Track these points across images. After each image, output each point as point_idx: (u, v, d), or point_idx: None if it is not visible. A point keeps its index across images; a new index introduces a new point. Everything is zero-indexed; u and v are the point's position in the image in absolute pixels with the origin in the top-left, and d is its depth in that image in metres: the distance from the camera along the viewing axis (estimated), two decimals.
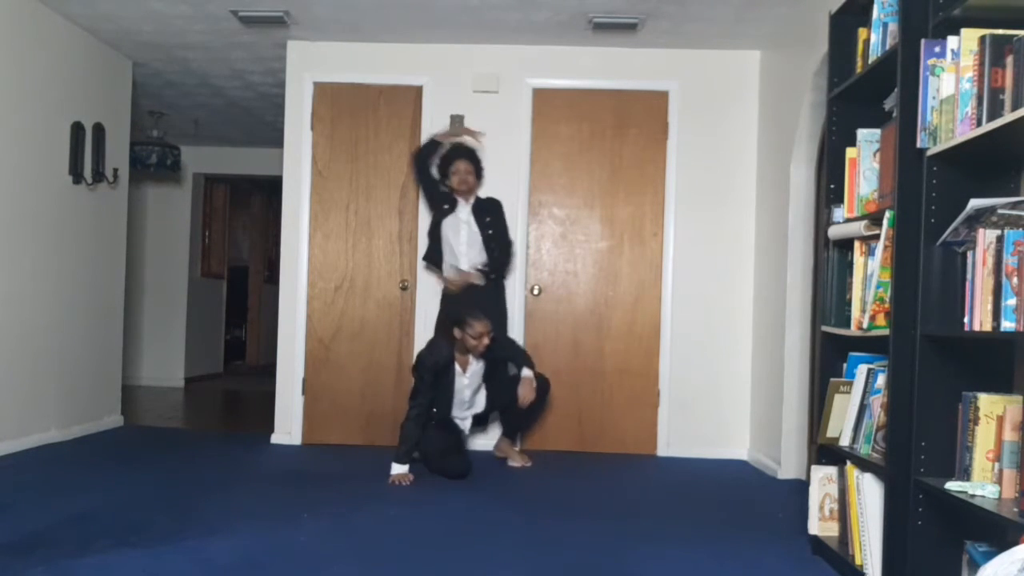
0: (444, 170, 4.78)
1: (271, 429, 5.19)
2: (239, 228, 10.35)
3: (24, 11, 4.53)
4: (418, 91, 5.17)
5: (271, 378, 5.34)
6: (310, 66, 5.19)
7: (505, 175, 5.09)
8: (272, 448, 4.99)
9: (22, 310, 4.59)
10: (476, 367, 4.44)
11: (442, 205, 4.81)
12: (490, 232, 4.78)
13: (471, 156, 4.80)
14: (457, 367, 4.39)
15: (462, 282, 4.71)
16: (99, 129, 5.21)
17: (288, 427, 5.14)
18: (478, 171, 4.81)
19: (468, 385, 4.45)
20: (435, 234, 4.83)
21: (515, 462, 4.60)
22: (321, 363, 5.17)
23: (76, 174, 5.02)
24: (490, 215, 4.81)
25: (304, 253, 5.15)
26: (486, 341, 4.28)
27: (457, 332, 4.29)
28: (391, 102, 5.20)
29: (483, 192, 4.88)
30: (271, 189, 9.38)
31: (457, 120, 5.10)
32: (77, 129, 5.02)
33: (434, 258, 4.86)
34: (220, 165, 8.49)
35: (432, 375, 4.27)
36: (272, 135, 6.87)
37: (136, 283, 7.92)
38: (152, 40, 5.23)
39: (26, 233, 4.62)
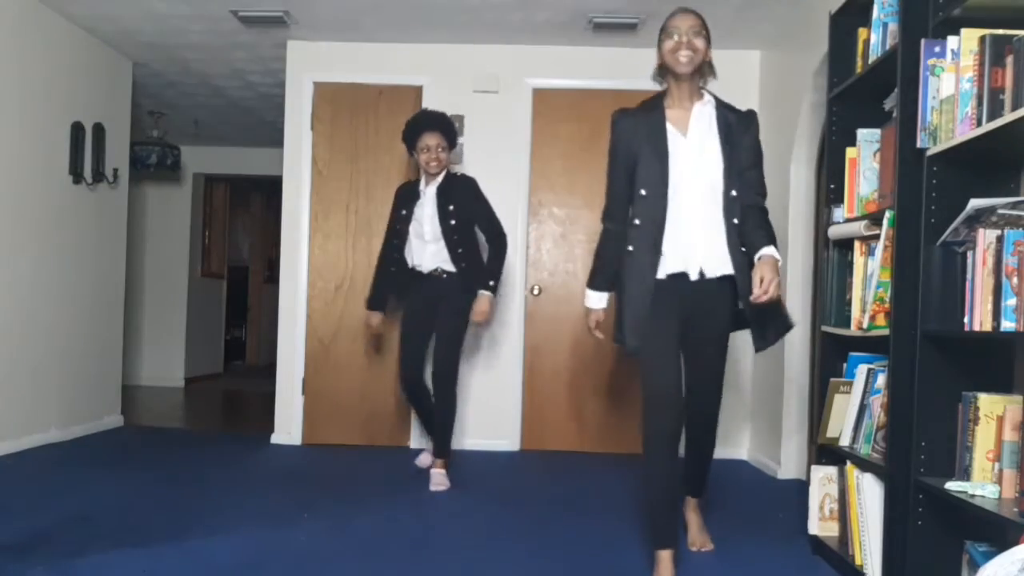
0: (411, 144, 4.03)
1: (271, 429, 5.18)
2: (239, 228, 10.36)
3: (25, 11, 4.53)
4: (418, 91, 5.17)
5: (271, 378, 5.34)
6: (310, 66, 5.19)
7: (505, 175, 5.08)
8: (272, 448, 4.99)
9: (22, 310, 4.59)
10: None
11: (400, 212, 4.07)
12: (452, 223, 3.89)
13: (441, 124, 3.99)
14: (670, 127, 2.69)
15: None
16: (99, 129, 5.22)
17: (288, 427, 5.14)
18: (451, 142, 4.02)
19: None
20: (388, 257, 4.15)
21: (702, 544, 3.05)
22: (321, 363, 5.16)
23: (76, 174, 5.02)
24: (455, 201, 3.93)
25: (304, 253, 5.15)
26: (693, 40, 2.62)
27: None
28: (391, 102, 5.19)
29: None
30: (271, 189, 9.37)
31: (458, 119, 5.09)
32: (77, 129, 5.02)
33: (376, 302, 4.21)
34: (220, 165, 8.49)
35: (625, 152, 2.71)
36: (272, 135, 6.86)
37: (136, 283, 7.92)
38: (152, 40, 5.23)
39: (26, 233, 4.62)
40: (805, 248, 4.44)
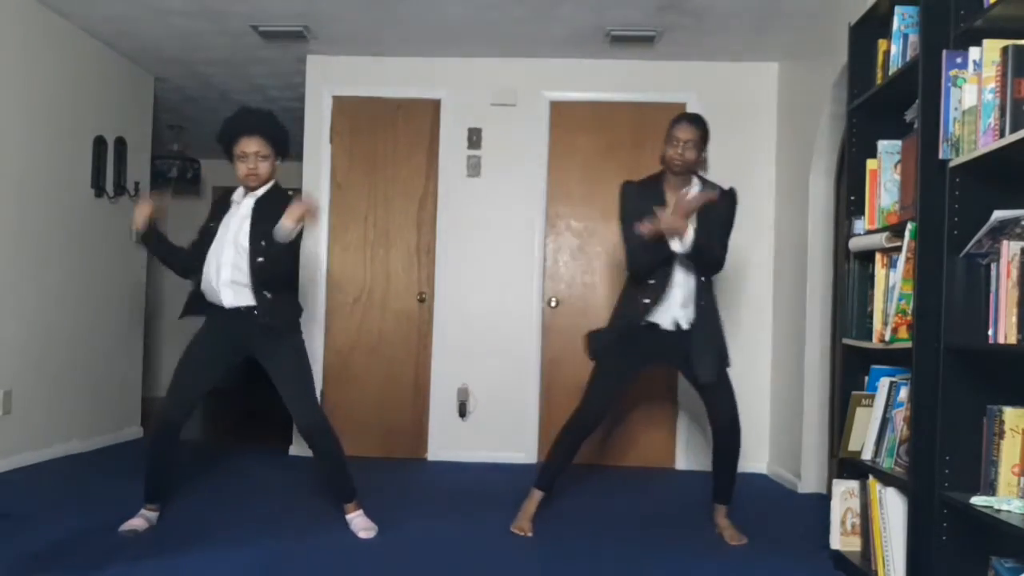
0: (229, 148, 3.35)
1: (289, 441, 5.20)
2: None
3: (48, 27, 4.59)
4: (436, 104, 5.20)
5: None
6: (329, 80, 5.23)
7: (523, 187, 5.10)
8: (290, 460, 5.00)
9: (44, 322, 4.64)
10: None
11: (208, 224, 3.33)
12: (263, 245, 3.23)
13: (266, 127, 3.38)
14: (667, 194, 3.39)
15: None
16: (121, 143, 5.28)
17: None
18: (279, 150, 3.42)
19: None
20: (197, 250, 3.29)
21: (734, 539, 3.35)
22: (339, 375, 5.17)
23: (98, 188, 5.08)
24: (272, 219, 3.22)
25: (323, 265, 5.18)
26: (686, 152, 3.40)
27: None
28: (409, 115, 5.22)
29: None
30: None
31: (476, 132, 5.11)
32: (99, 143, 5.07)
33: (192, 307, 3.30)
34: None
35: (633, 202, 3.36)
36: (291, 148, 6.90)
37: (156, 295, 7.97)
38: (173, 55, 5.29)
39: (48, 246, 4.67)
40: (824, 260, 4.42)
